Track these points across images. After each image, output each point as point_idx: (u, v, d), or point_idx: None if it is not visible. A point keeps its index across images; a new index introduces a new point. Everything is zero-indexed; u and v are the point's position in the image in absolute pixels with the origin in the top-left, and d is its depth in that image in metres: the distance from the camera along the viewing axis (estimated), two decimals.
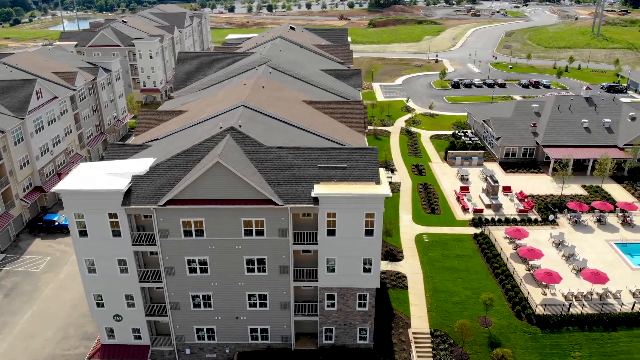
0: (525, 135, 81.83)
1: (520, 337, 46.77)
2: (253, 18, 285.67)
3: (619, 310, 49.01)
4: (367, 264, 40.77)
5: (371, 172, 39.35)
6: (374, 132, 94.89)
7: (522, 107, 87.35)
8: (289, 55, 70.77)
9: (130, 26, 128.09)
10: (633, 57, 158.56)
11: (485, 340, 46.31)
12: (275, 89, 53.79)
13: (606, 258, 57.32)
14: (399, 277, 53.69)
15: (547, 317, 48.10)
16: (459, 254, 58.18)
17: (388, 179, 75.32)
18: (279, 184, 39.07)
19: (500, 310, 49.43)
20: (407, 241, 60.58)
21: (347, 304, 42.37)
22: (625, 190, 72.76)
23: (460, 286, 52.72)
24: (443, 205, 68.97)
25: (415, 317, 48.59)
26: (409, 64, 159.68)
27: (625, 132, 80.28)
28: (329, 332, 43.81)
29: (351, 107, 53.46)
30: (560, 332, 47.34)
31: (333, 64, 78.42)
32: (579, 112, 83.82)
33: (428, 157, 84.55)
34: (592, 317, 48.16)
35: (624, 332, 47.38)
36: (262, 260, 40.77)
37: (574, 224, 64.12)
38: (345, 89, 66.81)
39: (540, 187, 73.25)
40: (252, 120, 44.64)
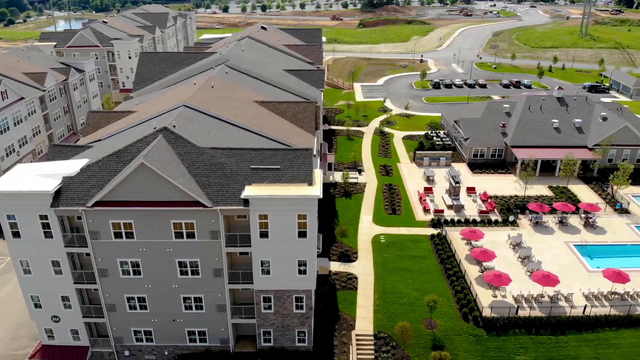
0: (495, 136, 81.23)
1: (464, 340, 46.24)
2: (245, 18, 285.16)
3: (569, 313, 48.46)
4: (302, 265, 40.31)
5: (304, 173, 38.90)
6: (347, 132, 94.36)
7: (493, 107, 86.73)
8: (252, 55, 70.42)
9: (111, 26, 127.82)
10: (619, 57, 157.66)
11: (429, 343, 45.78)
12: (226, 89, 53.39)
13: (563, 260, 56.72)
14: (350, 278, 53.21)
15: (493, 319, 47.54)
16: (413, 255, 57.66)
17: (354, 179, 74.92)
18: (210, 185, 38.65)
19: (447, 312, 48.94)
20: (364, 242, 60.09)
21: (284, 307, 41.92)
22: (592, 191, 72.13)
23: (410, 287, 52.21)
24: (405, 206, 68.45)
25: (361, 318, 48.12)
26: (394, 64, 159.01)
27: (595, 132, 79.60)
28: (267, 335, 43.38)
29: (303, 107, 53.04)
30: (507, 335, 46.80)
31: (301, 64, 78.09)
32: (550, 112, 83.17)
33: (398, 158, 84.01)
34: (540, 320, 47.55)
35: (572, 336, 46.75)
36: (194, 263, 40.35)
37: (534, 225, 63.54)
38: (306, 89, 66.48)
39: (505, 188, 72.66)
40: (191, 120, 44.25)
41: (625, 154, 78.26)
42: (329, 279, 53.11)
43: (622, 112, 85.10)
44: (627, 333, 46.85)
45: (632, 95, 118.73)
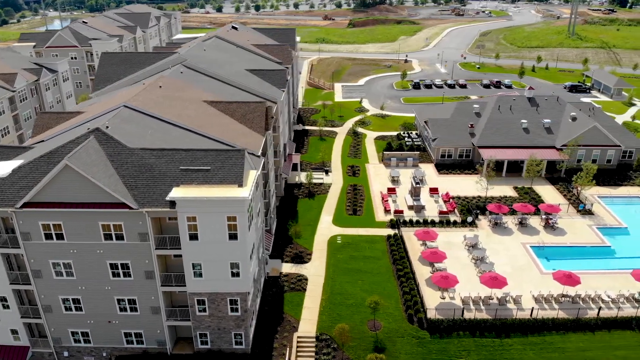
0: (463, 137, 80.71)
1: (407, 342, 45.81)
2: (237, 18, 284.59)
3: (516, 316, 47.84)
4: (235, 268, 39.94)
5: (235, 175, 38.53)
6: (320, 132, 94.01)
7: (463, 108, 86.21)
8: (214, 55, 70.09)
9: (90, 27, 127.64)
10: (604, 56, 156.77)
11: (371, 345, 45.37)
12: (175, 89, 53.07)
13: (518, 261, 56.22)
14: (300, 279, 52.79)
15: (438, 321, 47.10)
16: (368, 256, 57.20)
17: (319, 180, 74.53)
18: (137, 187, 38.33)
19: (393, 314, 48.51)
20: (320, 243, 59.65)
21: (218, 309, 41.56)
22: (558, 192, 71.54)
23: (359, 289, 51.77)
24: (367, 206, 68.01)
25: (305, 320, 47.71)
26: (378, 65, 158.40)
27: (564, 132, 78.99)
28: (203, 337, 43.00)
29: (252, 107, 52.67)
30: (450, 337, 46.34)
31: (267, 64, 77.71)
32: (520, 113, 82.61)
33: (367, 159, 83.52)
34: (485, 322, 47.05)
35: (517, 339, 46.21)
36: (126, 265, 40.04)
37: (494, 226, 62.99)
38: (267, 89, 66.10)
39: (470, 189, 72.05)
40: (129, 121, 43.93)
41: (595, 154, 77.69)
42: (278, 280, 52.74)
43: (594, 112, 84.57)
44: (574, 337, 46.30)
45: (613, 95, 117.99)
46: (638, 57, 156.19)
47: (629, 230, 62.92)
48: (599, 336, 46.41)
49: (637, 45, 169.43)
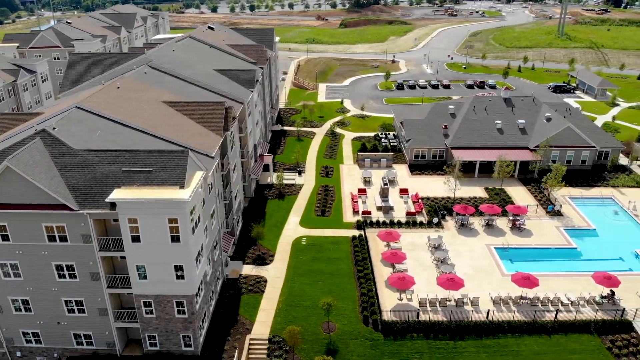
0: (437, 137, 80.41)
1: (360, 344, 45.54)
2: (231, 18, 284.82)
3: (472, 318, 47.46)
4: (179, 270, 39.69)
5: (177, 176, 38.31)
6: (297, 133, 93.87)
7: (438, 108, 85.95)
8: (183, 56, 69.88)
9: (74, 27, 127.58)
10: (592, 57, 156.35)
11: (323, 347, 45.09)
12: (133, 90, 52.88)
13: (479, 263, 55.90)
14: (259, 281, 52.54)
15: (392, 323, 46.83)
16: (331, 257, 56.92)
17: (291, 180, 74.30)
18: (79, 188, 38.13)
19: (349, 316, 48.23)
20: (284, 244, 59.40)
21: (165, 311, 41.34)
22: (529, 193, 71.19)
23: (318, 290, 51.45)
24: (336, 207, 67.71)
25: (260, 322, 47.44)
26: (366, 65, 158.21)
27: (538, 133, 78.65)
28: (152, 339, 42.77)
29: (211, 108, 52.45)
30: (404, 339, 46.03)
31: (240, 64, 77.52)
32: (495, 113, 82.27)
33: (342, 159, 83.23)
34: (440, 324, 46.79)
35: (472, 342, 45.86)
36: (71, 267, 39.87)
37: (460, 227, 62.76)
38: (234, 89, 65.87)
39: (440, 190, 71.53)
40: (79, 122, 43.69)
41: (569, 155, 77.33)
42: (237, 282, 52.53)
43: (570, 112, 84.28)
44: (529, 340, 45.92)
45: (597, 95, 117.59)
46: (626, 57, 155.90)
47: (597, 232, 62.52)
48: (555, 339, 46.04)
49: (626, 45, 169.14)
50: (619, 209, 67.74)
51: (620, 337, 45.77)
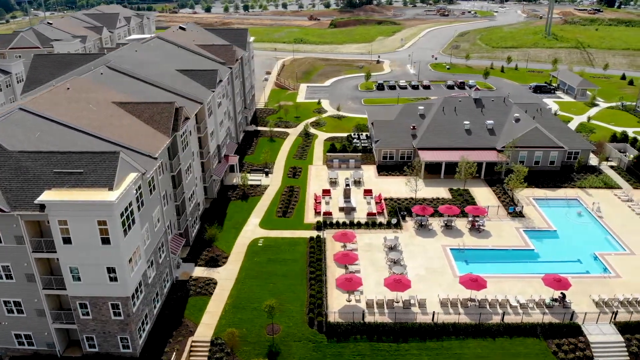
0: (405, 138, 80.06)
1: (302, 346, 45.30)
2: (223, 18, 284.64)
3: (418, 320, 47.12)
4: (112, 272, 39.53)
5: (106, 178, 38.09)
6: (270, 133, 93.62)
7: (408, 109, 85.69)
8: (145, 56, 69.72)
9: (55, 27, 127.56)
10: (577, 57, 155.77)
11: (265, 349, 44.90)
12: (84, 91, 52.67)
13: (433, 264, 55.56)
14: (209, 283, 52.28)
15: (336, 325, 46.52)
16: (286, 259, 56.68)
17: (257, 181, 74.05)
18: (11, 190, 37.95)
19: (295, 318, 47.97)
20: (240, 246, 59.13)
21: (101, 313, 41.18)
22: (493, 194, 70.81)
23: (268, 292, 51.19)
24: (299, 208, 67.46)
25: (204, 324, 47.19)
26: (351, 65, 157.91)
27: (507, 134, 78.26)
28: (90, 340, 42.62)
29: (160, 109, 52.21)
30: (347, 341, 45.77)
31: (208, 64, 77.40)
32: (464, 114, 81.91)
33: (312, 160, 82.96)
34: (384, 326, 46.54)
35: (415, 344, 45.59)
36: (6, 267, 39.81)
37: (419, 228, 62.50)
38: (194, 89, 65.57)
39: (404, 190, 71.04)
40: (20, 123, 43.31)
41: (537, 156, 76.92)
42: (186, 284, 52.32)
43: (541, 113, 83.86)
44: (473, 343, 45.60)
45: (577, 95, 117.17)
46: (612, 57, 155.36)
47: (558, 233, 62.17)
48: (499, 342, 45.73)
49: (613, 45, 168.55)
50: (583, 210, 67.31)
51: (567, 341, 45.40)
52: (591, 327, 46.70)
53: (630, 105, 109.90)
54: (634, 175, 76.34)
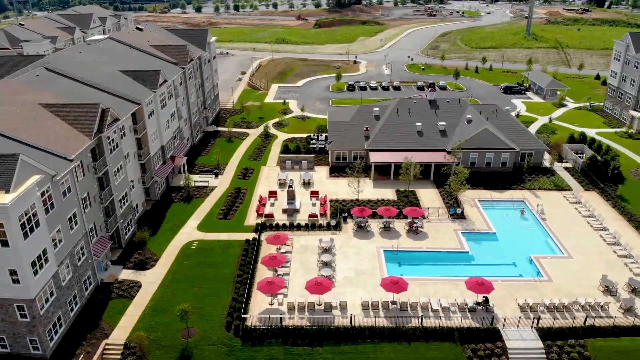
0: (358, 140, 79.53)
1: (216, 350, 44.88)
2: (211, 18, 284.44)
3: (336, 323, 46.66)
4: (14, 275, 39.28)
5: (3, 180, 37.83)
6: (229, 134, 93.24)
7: (363, 110, 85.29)
8: (89, 57, 69.43)
9: (26, 28, 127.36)
10: (555, 57, 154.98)
11: (178, 353, 44.51)
12: (10, 93, 52.35)
13: (363, 266, 55.01)
14: (133, 286, 51.82)
15: (253, 329, 46.17)
16: (217, 262, 56.20)
17: (204, 183, 73.61)
18: None
19: (214, 321, 47.50)
20: (173, 249, 58.64)
21: (8, 314, 40.95)
22: (439, 195, 70.30)
23: (191, 296, 50.79)
24: (242, 210, 67.03)
25: (121, 328, 46.78)
26: (328, 65, 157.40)
27: (458, 135, 77.72)
28: (2, 341, 42.43)
29: (85, 110, 51.87)
30: (262, 345, 45.37)
31: (158, 65, 76.98)
32: (418, 116, 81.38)
33: (266, 161, 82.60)
34: (300, 329, 46.16)
35: (329, 348, 45.14)
36: None
37: (358, 229, 62.07)
38: (134, 90, 65.14)
39: (352, 192, 70.98)
40: None
41: (489, 157, 76.37)
42: (110, 287, 51.99)
43: (496, 114, 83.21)
44: (387, 347, 45.13)
45: (546, 95, 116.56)
46: (589, 57, 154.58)
47: (497, 235, 61.62)
48: (414, 346, 45.27)
49: (592, 45, 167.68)
50: (528, 212, 66.87)
51: (483, 346, 44.88)
52: (511, 332, 46.22)
53: (598, 106, 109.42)
54: (587, 177, 75.90)
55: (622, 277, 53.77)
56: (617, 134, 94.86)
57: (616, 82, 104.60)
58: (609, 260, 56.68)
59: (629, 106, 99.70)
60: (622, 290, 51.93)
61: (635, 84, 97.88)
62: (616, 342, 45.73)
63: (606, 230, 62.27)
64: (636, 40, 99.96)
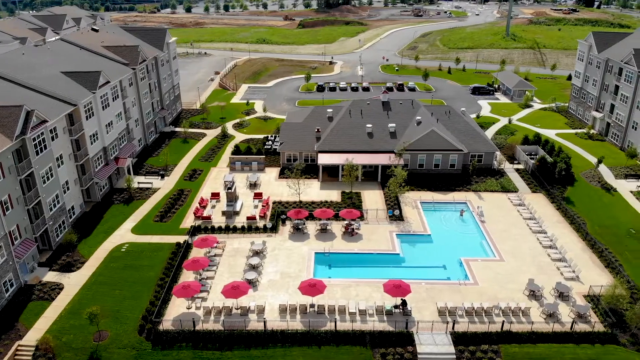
0: (310, 141, 79.22)
1: (124, 354, 44.44)
2: (199, 18, 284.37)
3: (250, 327, 46.20)
4: None
5: None
6: (184, 134, 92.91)
7: (318, 111, 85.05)
8: (32, 58, 69.29)
9: None
10: (530, 57, 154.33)
11: (86, 356, 44.11)
12: None
13: (291, 269, 54.52)
14: (55, 288, 51.43)
15: (164, 332, 45.81)
16: (143, 265, 55.69)
17: (148, 184, 73.16)
18: None
19: (128, 324, 47.08)
20: (103, 251, 58.18)
21: None
22: (383, 197, 69.95)
23: (111, 299, 50.38)
24: (181, 212, 66.60)
25: (36, 329, 46.37)
26: (304, 66, 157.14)
27: (408, 137, 77.21)
28: None
29: (8, 112, 51.63)
30: (172, 349, 44.92)
31: (108, 66, 76.82)
32: (370, 117, 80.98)
33: (217, 162, 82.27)
34: (211, 334, 45.68)
35: (239, 352, 44.59)
36: None
37: (295, 231, 61.72)
38: (73, 91, 64.85)
39: (294, 193, 70.76)
40: None
41: (437, 158, 76.00)
42: (32, 289, 51.64)
43: (449, 115, 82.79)
44: (297, 351, 44.57)
45: (513, 96, 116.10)
46: (565, 57, 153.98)
47: (432, 237, 61.23)
48: (324, 350, 44.76)
49: (569, 45, 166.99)
50: (468, 214, 66.46)
51: (394, 351, 44.41)
52: (424, 337, 45.76)
53: (563, 107, 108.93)
54: (537, 178, 75.47)
55: (552, 281, 53.30)
56: (578, 134, 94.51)
57: (580, 82, 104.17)
58: (541, 264, 56.29)
59: (591, 107, 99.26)
60: (548, 294, 51.62)
61: (597, 84, 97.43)
62: (532, 349, 45.24)
63: (544, 233, 61.98)
64: (599, 40, 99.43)
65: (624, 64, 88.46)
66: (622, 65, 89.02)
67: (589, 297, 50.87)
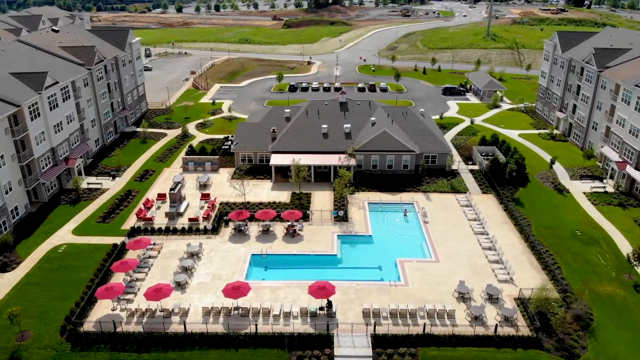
0: (265, 141, 79.05)
1: (44, 355, 44.25)
2: (187, 18, 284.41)
3: (171, 329, 45.97)
4: None
5: None
6: (144, 134, 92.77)
7: (275, 112, 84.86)
8: None
9: None
10: (508, 57, 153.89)
11: (8, 356, 44.04)
12: None
13: (223, 271, 54.33)
14: None
15: (84, 334, 45.73)
16: (78, 266, 55.56)
17: (97, 185, 72.96)
18: None
19: (52, 325, 47.03)
20: (40, 252, 58.05)
21: None
22: (332, 198, 69.47)
23: (40, 299, 50.18)
24: (125, 214, 66.35)
25: None
26: (283, 66, 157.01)
27: (361, 138, 77.00)
28: None
29: None
30: (90, 350, 44.79)
31: (67, 66, 77.09)
32: (327, 118, 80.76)
33: (171, 163, 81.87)
34: (130, 336, 45.46)
35: (156, 354, 44.36)
36: None
37: (237, 233, 61.55)
38: (18, 92, 64.82)
39: (247, 195, 70.59)
40: None
41: (390, 159, 75.79)
42: None
43: (405, 116, 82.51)
44: (214, 353, 44.19)
45: (483, 96, 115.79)
46: (542, 57, 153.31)
47: (372, 238, 61.08)
48: (241, 353, 44.51)
49: None
50: (412, 215, 66.25)
51: (310, 353, 44.07)
52: (344, 339, 45.52)
53: (530, 107, 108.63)
54: (489, 179, 75.22)
55: (484, 283, 52.93)
56: (540, 135, 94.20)
57: (545, 82, 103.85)
58: (476, 266, 55.99)
59: (555, 107, 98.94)
60: (478, 297, 51.39)
61: (561, 84, 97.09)
62: (451, 352, 44.88)
63: (486, 235, 61.74)
64: (563, 39, 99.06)
65: (585, 63, 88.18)
66: (583, 65, 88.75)
67: (519, 300, 50.68)
